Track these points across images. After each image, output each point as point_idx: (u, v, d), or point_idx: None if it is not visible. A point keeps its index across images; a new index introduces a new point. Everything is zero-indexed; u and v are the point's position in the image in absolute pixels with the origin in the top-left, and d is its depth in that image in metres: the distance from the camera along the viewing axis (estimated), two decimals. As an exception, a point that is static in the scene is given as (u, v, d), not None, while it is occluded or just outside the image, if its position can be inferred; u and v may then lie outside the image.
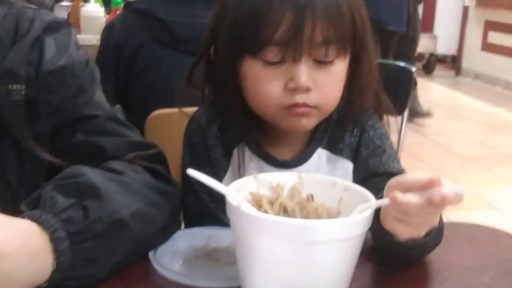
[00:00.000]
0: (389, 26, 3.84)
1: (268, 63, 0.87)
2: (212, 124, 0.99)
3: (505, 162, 4.14)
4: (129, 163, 0.87)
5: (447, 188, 0.66)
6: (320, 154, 0.98)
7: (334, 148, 0.99)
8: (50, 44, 0.90)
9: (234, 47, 0.89)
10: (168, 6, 1.63)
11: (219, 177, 0.98)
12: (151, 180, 0.86)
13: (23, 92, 0.87)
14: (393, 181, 0.72)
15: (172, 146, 1.13)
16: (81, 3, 2.41)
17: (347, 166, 0.98)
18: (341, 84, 0.92)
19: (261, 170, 0.97)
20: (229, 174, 0.99)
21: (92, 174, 0.78)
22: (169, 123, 1.46)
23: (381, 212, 0.76)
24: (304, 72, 0.86)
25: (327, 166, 0.98)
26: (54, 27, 0.92)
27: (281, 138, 0.98)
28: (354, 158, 0.99)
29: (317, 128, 0.98)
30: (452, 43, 7.58)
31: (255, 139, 0.98)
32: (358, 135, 0.99)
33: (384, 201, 0.69)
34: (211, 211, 0.96)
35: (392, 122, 1.08)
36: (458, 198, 0.66)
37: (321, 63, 0.88)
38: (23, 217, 0.69)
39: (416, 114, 4.79)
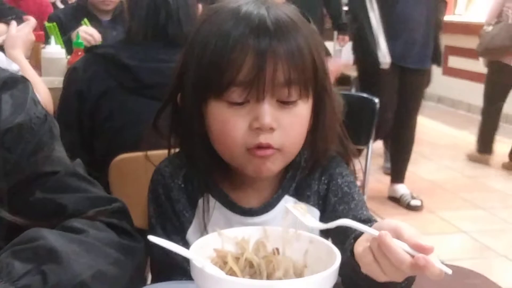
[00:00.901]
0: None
1: (233, 104, 0.87)
2: (176, 176, 0.99)
3: (470, 185, 4.20)
4: (90, 220, 0.86)
5: (435, 259, 0.66)
6: (287, 201, 0.98)
7: (301, 195, 0.98)
8: (6, 101, 0.88)
9: (199, 90, 0.90)
10: (132, 51, 1.62)
11: (184, 228, 0.98)
12: (114, 238, 0.85)
13: None
14: (392, 222, 0.71)
15: (137, 190, 1.12)
16: (42, 45, 2.38)
17: (314, 213, 0.97)
18: (304, 126, 0.93)
19: (227, 219, 0.97)
20: (194, 224, 0.98)
21: (51, 237, 0.77)
22: (133, 167, 1.44)
23: (360, 245, 0.73)
24: (268, 111, 0.87)
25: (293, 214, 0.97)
26: (10, 83, 0.91)
27: (249, 185, 0.98)
28: (323, 205, 0.99)
29: (284, 176, 0.98)
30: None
31: (220, 188, 0.98)
32: (326, 183, 0.99)
33: (374, 231, 0.68)
34: (178, 262, 0.95)
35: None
36: (439, 275, 0.66)
37: (285, 103, 0.88)
38: None
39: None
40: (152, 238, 0.68)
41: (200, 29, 0.91)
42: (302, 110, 0.91)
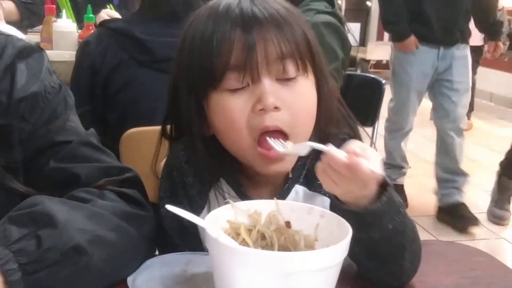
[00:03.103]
0: None
1: (232, 91, 0.87)
2: (192, 162, 0.99)
3: (472, 168, 4.21)
4: (99, 189, 0.87)
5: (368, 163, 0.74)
6: (298, 191, 0.99)
7: (311, 184, 0.99)
8: (22, 70, 0.90)
9: (196, 85, 0.90)
10: (146, 26, 1.63)
11: (194, 213, 0.98)
12: (121, 206, 0.86)
13: None
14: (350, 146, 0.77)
15: (147, 163, 1.13)
16: (53, 19, 2.39)
17: (325, 201, 0.97)
18: (309, 103, 0.92)
19: None
20: (205, 211, 0.98)
21: (49, 203, 0.78)
22: (144, 140, 1.46)
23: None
24: (268, 90, 0.86)
25: (304, 202, 0.98)
26: (26, 53, 0.92)
27: (259, 180, 0.98)
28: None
29: (294, 164, 0.98)
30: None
31: (234, 178, 0.98)
32: None
33: (324, 147, 0.77)
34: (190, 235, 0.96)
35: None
36: (369, 174, 0.74)
37: (284, 80, 0.88)
38: None
39: None
40: (169, 207, 0.69)
41: (185, 37, 0.92)
42: (304, 87, 0.90)
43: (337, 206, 0.80)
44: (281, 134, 0.88)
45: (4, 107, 0.87)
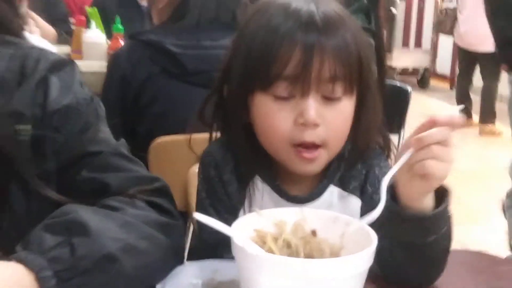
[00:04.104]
0: None
1: (278, 98, 0.90)
2: (228, 159, 1.01)
3: (498, 175, 4.16)
4: (130, 198, 0.89)
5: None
6: (332, 191, 1.01)
7: (345, 185, 1.01)
8: (54, 83, 0.92)
9: (246, 82, 0.93)
10: (175, 38, 1.65)
11: (236, 209, 1.00)
12: (152, 215, 0.87)
13: (30, 133, 0.88)
14: (406, 139, 0.80)
15: (175, 172, 1.15)
16: (83, 29, 2.44)
17: (357, 203, 1.00)
18: (347, 122, 0.95)
19: (276, 204, 0.99)
20: (245, 206, 1.01)
21: (83, 212, 0.80)
22: (173, 150, 1.48)
23: (398, 180, 0.82)
24: (313, 106, 0.89)
25: (339, 203, 1.00)
26: (58, 66, 0.94)
27: (294, 177, 1.00)
28: (361, 196, 1.01)
29: (329, 165, 1.00)
30: (446, 58, 7.65)
31: (269, 172, 1.00)
32: (364, 174, 1.01)
33: (407, 155, 0.77)
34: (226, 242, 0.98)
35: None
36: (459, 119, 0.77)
37: (329, 99, 0.91)
38: (10, 259, 0.71)
39: None
40: (197, 215, 0.71)
41: (249, 23, 0.94)
42: (346, 107, 0.93)
43: (397, 213, 0.82)
44: (314, 145, 0.91)
45: (38, 120, 0.90)
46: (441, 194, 0.83)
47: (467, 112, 5.53)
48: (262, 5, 0.95)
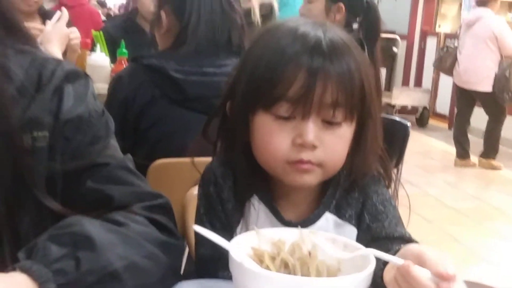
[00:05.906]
0: None
1: (279, 118, 0.91)
2: (227, 177, 1.01)
3: (496, 215, 4.17)
4: (133, 214, 0.89)
5: (459, 286, 0.68)
6: (328, 218, 1.00)
7: (341, 213, 1.00)
8: (69, 93, 0.93)
9: (249, 100, 0.94)
10: (177, 63, 1.66)
11: (232, 228, 1.00)
12: (153, 233, 0.87)
13: (47, 140, 0.89)
14: (415, 249, 0.75)
15: (172, 195, 1.15)
16: (88, 52, 2.47)
17: (352, 232, 0.99)
18: (345, 146, 0.95)
19: (271, 224, 0.99)
20: (241, 224, 1.01)
21: (89, 225, 0.80)
22: (170, 172, 1.48)
23: (389, 273, 0.76)
24: (312, 129, 0.90)
25: (334, 230, 0.99)
26: (74, 77, 0.95)
27: (289, 197, 1.00)
28: (358, 224, 1.01)
29: (325, 192, 1.00)
30: (446, 97, 7.71)
31: (266, 193, 1.01)
32: (361, 201, 1.01)
33: (398, 260, 0.71)
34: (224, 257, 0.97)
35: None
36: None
37: (329, 123, 0.92)
38: (15, 268, 0.71)
39: None
40: (196, 227, 0.71)
41: (257, 42, 0.96)
42: (345, 132, 0.94)
43: None
44: (310, 163, 0.91)
45: (50, 127, 0.90)
46: None
47: (464, 152, 5.56)
48: (271, 27, 0.97)
